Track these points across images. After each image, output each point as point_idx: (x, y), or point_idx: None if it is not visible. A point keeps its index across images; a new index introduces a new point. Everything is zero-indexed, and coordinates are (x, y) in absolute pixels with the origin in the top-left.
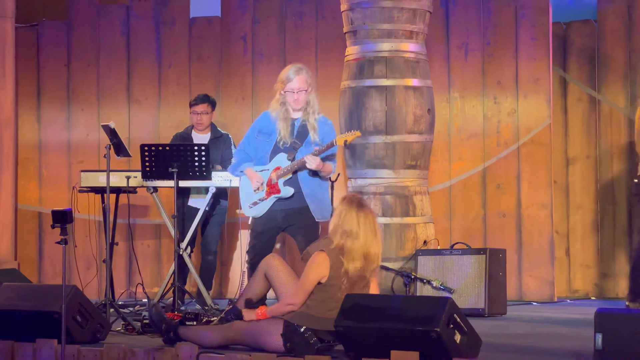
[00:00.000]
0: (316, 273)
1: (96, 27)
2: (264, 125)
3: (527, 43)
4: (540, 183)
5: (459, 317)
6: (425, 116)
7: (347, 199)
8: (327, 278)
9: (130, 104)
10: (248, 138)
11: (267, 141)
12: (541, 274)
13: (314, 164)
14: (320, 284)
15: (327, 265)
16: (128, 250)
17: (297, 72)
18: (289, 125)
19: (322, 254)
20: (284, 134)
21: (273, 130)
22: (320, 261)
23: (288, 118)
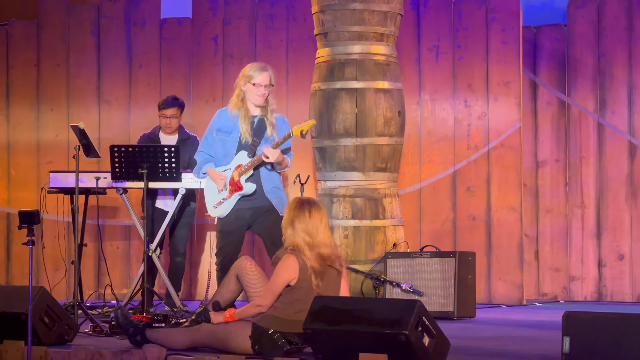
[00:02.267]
0: (285, 276)
1: (66, 27)
2: (223, 124)
3: (498, 46)
4: (510, 186)
5: (427, 320)
6: (395, 119)
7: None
8: (296, 280)
9: (100, 105)
10: (207, 138)
11: (228, 139)
12: (510, 277)
13: (274, 156)
14: (289, 287)
15: (296, 268)
16: (97, 252)
17: (264, 68)
18: (249, 123)
19: (291, 257)
20: (245, 131)
21: (233, 127)
22: (290, 264)
23: (248, 115)
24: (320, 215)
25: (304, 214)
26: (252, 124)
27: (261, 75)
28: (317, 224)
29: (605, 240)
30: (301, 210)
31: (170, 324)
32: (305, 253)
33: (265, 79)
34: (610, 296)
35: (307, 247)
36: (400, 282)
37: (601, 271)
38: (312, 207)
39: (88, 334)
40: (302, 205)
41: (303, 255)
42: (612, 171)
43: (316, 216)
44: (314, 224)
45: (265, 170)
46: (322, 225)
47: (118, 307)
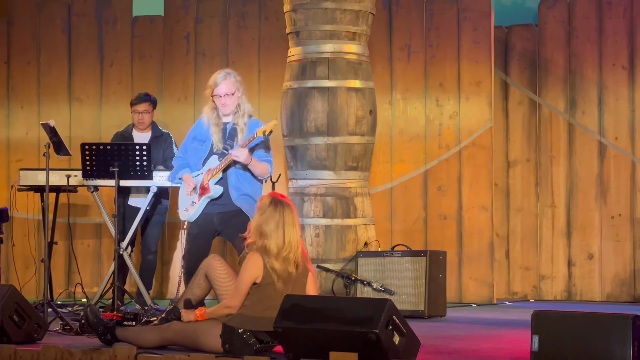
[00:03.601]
0: (250, 273)
1: (37, 25)
2: (198, 132)
3: (469, 46)
4: (481, 185)
5: (398, 319)
6: (367, 117)
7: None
8: (261, 277)
9: (72, 102)
10: (185, 145)
11: (201, 148)
12: (481, 276)
13: (242, 156)
14: (255, 284)
15: (261, 265)
16: (68, 250)
17: (224, 77)
18: (220, 130)
19: (255, 255)
20: (216, 139)
21: (207, 136)
22: (254, 261)
23: (219, 123)
24: (292, 217)
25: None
26: (224, 131)
27: (220, 86)
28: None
29: (575, 239)
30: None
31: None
32: (271, 256)
33: (224, 89)
34: (580, 295)
35: (273, 250)
36: (371, 281)
37: (571, 270)
38: (285, 209)
39: (58, 333)
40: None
41: (268, 257)
42: (582, 171)
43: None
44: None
45: (233, 177)
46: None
47: (88, 305)
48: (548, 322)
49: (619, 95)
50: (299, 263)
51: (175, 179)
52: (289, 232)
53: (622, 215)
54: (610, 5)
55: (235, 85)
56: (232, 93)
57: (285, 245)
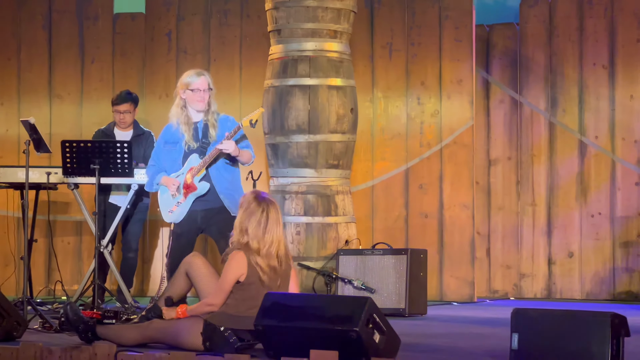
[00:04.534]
0: (234, 272)
1: (17, 21)
2: (169, 136)
3: (451, 44)
4: (462, 184)
5: (378, 317)
6: (348, 116)
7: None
8: (245, 276)
9: (52, 99)
10: (156, 152)
11: (174, 149)
12: (462, 274)
13: (231, 148)
14: (239, 283)
15: (244, 264)
16: (47, 247)
17: (201, 73)
18: (192, 129)
19: (239, 253)
20: (188, 137)
21: (178, 138)
22: (238, 259)
23: (190, 122)
24: (276, 215)
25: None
26: (196, 129)
27: (199, 80)
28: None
29: (555, 238)
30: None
31: (121, 320)
32: (255, 253)
33: (203, 83)
34: (560, 293)
35: (257, 248)
36: (352, 279)
37: (551, 268)
38: (269, 207)
39: (37, 330)
40: (259, 205)
41: (252, 254)
42: (562, 169)
43: (272, 216)
44: (269, 224)
45: (215, 171)
46: (276, 226)
47: (68, 303)
48: (528, 320)
49: (600, 94)
50: (282, 261)
51: (154, 186)
52: (272, 229)
53: (602, 213)
54: (591, 4)
55: (210, 83)
56: (209, 89)
57: (269, 242)
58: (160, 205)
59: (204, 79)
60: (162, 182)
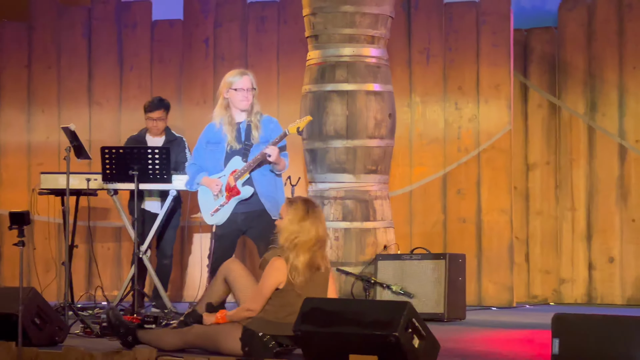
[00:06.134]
0: (274, 279)
1: (57, 29)
2: (211, 136)
3: (489, 49)
4: (500, 189)
5: (417, 322)
6: (386, 121)
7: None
8: (284, 284)
9: (91, 106)
10: (197, 150)
11: (217, 149)
12: (500, 279)
13: (274, 154)
14: (278, 290)
15: (284, 271)
16: (88, 253)
17: (244, 73)
18: (235, 130)
19: (280, 260)
20: (231, 138)
21: (220, 138)
22: (278, 266)
23: (233, 122)
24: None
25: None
26: (239, 130)
27: (242, 79)
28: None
29: (595, 242)
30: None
31: (161, 325)
32: (297, 258)
33: (246, 83)
34: (600, 299)
35: (300, 252)
36: (391, 284)
37: (591, 274)
38: (316, 209)
39: (78, 335)
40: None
41: (294, 259)
42: (602, 173)
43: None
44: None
45: (258, 174)
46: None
47: (110, 307)
48: (569, 325)
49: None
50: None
51: (194, 185)
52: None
53: None
54: (630, 7)
55: (253, 82)
56: (253, 88)
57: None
58: (200, 206)
59: (247, 78)
60: (203, 182)
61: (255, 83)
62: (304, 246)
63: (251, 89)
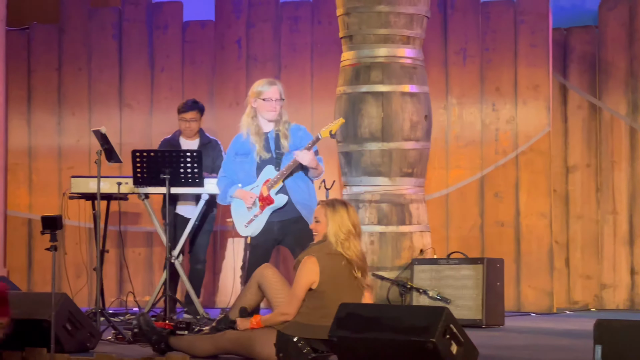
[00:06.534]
0: (306, 279)
1: (88, 31)
2: (239, 147)
3: (527, 49)
4: (539, 192)
5: (455, 328)
6: (422, 123)
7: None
8: (317, 284)
9: (122, 109)
10: (227, 163)
11: (246, 161)
12: (540, 284)
13: (307, 158)
14: (311, 291)
15: (316, 270)
16: (119, 258)
17: (273, 82)
18: (263, 140)
19: (311, 259)
20: (259, 148)
21: (249, 149)
22: (310, 266)
23: (260, 132)
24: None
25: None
26: (267, 140)
27: (270, 89)
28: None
29: (638, 247)
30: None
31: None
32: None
33: (275, 93)
34: None
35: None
36: (427, 289)
37: (634, 279)
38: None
39: (110, 342)
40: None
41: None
42: None
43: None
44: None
45: (291, 182)
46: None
47: (141, 314)
48: (611, 331)
49: None
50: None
51: (227, 199)
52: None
53: None
54: None
55: (282, 93)
56: (280, 99)
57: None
58: (234, 219)
59: (276, 88)
60: (236, 195)
61: (283, 93)
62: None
63: (279, 100)
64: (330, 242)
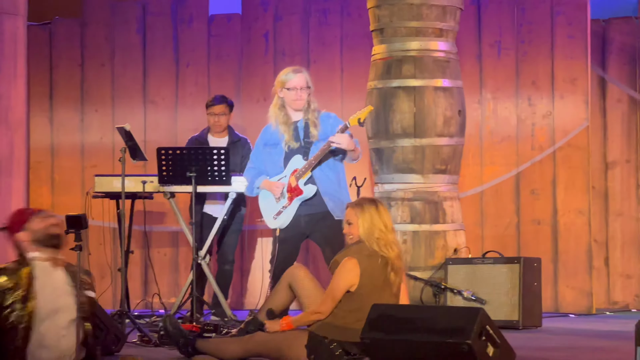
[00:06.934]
0: (346, 280)
1: (111, 25)
2: (268, 138)
3: (564, 41)
4: (577, 188)
5: (491, 329)
6: (455, 118)
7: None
8: (356, 286)
9: (146, 105)
10: (255, 154)
11: (275, 151)
12: (578, 284)
13: (345, 141)
14: (348, 293)
15: (357, 272)
16: (144, 259)
17: (298, 70)
18: (292, 129)
19: (352, 260)
20: (288, 137)
21: (278, 139)
22: (351, 267)
23: (289, 122)
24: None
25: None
26: (297, 129)
27: (295, 78)
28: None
29: None
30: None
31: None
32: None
33: (300, 81)
34: None
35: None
36: (462, 289)
37: None
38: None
39: (136, 344)
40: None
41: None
42: None
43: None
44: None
45: (318, 172)
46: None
47: (167, 316)
48: None
49: None
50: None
51: (254, 190)
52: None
53: None
54: None
55: (308, 81)
56: (307, 87)
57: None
58: (262, 211)
59: (301, 76)
60: (263, 185)
61: (310, 81)
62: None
63: (305, 88)
64: (366, 242)
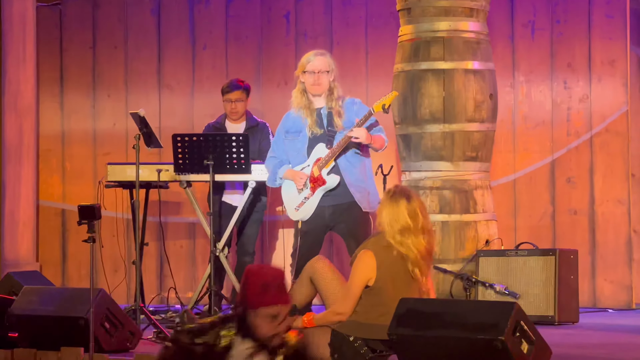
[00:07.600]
0: (363, 274)
1: (124, 6)
2: (290, 125)
3: (602, 21)
4: (616, 176)
5: (526, 325)
6: (487, 102)
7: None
8: (374, 280)
9: (161, 90)
10: (276, 142)
11: (298, 139)
12: (617, 277)
13: (362, 135)
14: (368, 287)
15: (373, 265)
16: (159, 251)
17: (320, 53)
18: (315, 115)
19: (367, 253)
20: (311, 123)
21: (301, 126)
22: (367, 260)
23: (311, 107)
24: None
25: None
26: (320, 116)
27: (315, 60)
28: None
29: None
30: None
31: None
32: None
33: (318, 64)
34: None
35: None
36: (494, 283)
37: None
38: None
39: (151, 341)
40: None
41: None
42: None
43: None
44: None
45: (344, 161)
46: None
47: (184, 311)
48: None
49: None
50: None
51: (277, 180)
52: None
53: None
54: None
55: (330, 64)
56: (326, 71)
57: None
58: (284, 202)
59: (322, 59)
60: (287, 175)
61: (334, 65)
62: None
63: (324, 72)
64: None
